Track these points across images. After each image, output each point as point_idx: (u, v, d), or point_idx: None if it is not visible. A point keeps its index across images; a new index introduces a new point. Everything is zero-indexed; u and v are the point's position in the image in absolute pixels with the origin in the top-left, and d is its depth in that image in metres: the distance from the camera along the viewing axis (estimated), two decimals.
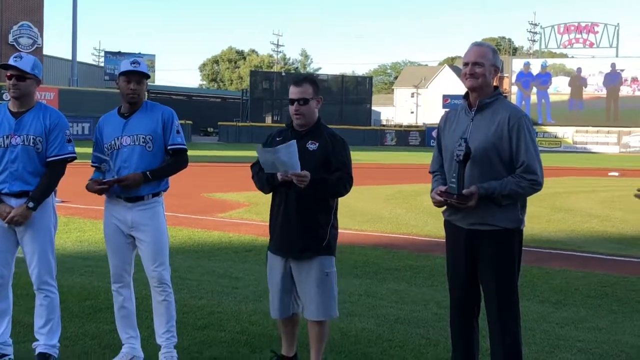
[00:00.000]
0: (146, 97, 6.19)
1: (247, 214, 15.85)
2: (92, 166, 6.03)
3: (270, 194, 5.67)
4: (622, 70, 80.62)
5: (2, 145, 5.73)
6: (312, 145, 5.46)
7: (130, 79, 5.83)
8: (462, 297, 5.07)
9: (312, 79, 5.72)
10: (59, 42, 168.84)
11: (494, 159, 4.80)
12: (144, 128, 5.85)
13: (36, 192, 5.71)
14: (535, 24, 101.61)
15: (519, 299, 4.98)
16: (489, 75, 4.91)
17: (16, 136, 5.73)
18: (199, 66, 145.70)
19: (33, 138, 5.73)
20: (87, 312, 7.42)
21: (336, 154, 5.47)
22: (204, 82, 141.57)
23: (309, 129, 5.54)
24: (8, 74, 5.73)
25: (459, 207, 4.82)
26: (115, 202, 5.89)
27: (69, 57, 66.04)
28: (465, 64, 4.93)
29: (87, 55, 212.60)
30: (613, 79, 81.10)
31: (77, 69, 65.77)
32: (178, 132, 5.97)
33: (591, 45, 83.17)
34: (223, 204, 17.64)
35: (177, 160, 5.99)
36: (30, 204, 5.67)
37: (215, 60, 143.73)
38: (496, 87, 5.00)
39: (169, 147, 5.92)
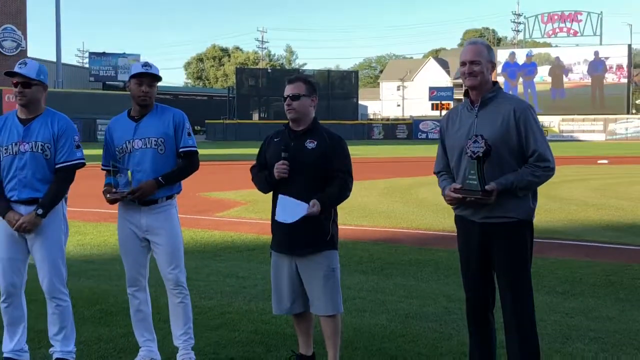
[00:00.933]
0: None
1: (246, 213, 15.84)
2: (103, 169, 6.02)
3: (270, 193, 5.70)
4: (607, 58, 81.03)
5: (11, 153, 5.71)
6: (310, 144, 5.53)
7: (142, 82, 5.82)
8: (476, 290, 5.11)
9: (305, 79, 5.82)
10: (43, 44, 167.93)
11: (504, 152, 4.85)
12: (156, 131, 5.85)
13: (45, 199, 5.69)
14: (519, 14, 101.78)
15: (532, 289, 5.03)
16: (486, 72, 4.98)
17: (25, 143, 5.71)
18: (183, 64, 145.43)
19: (41, 145, 5.71)
20: (99, 316, 7.41)
21: (336, 154, 5.56)
22: (189, 81, 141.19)
23: (306, 129, 5.61)
24: (14, 81, 5.70)
25: (482, 204, 4.84)
26: (129, 206, 5.89)
27: (54, 59, 65.73)
28: (463, 64, 5.01)
29: (71, 56, 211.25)
30: (597, 66, 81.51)
31: (62, 71, 65.49)
32: (189, 134, 5.98)
33: (575, 34, 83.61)
34: (220, 203, 17.62)
35: (189, 163, 5.99)
36: (39, 211, 5.65)
37: (200, 59, 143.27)
38: (494, 82, 5.08)
39: (180, 150, 5.92)
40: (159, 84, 5.98)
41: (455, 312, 7.54)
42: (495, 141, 4.81)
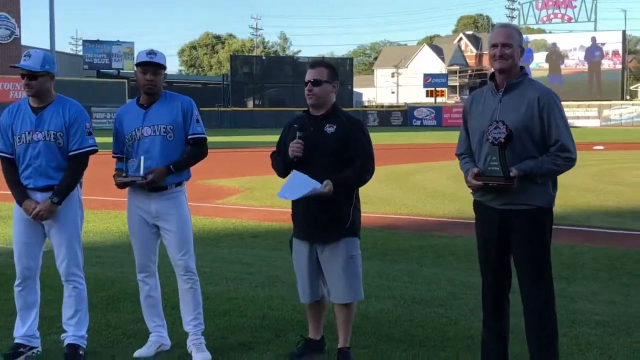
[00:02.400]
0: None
1: (246, 200, 15.88)
2: (114, 157, 6.05)
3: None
4: (603, 44, 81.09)
5: (25, 142, 5.75)
6: (330, 128, 5.50)
7: (147, 70, 5.83)
8: (494, 275, 5.10)
9: (328, 63, 5.78)
10: (37, 32, 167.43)
11: (526, 139, 4.83)
12: (164, 118, 5.87)
13: (60, 187, 5.73)
14: (513, 0, 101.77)
15: (552, 274, 5.04)
16: (516, 56, 4.92)
17: (37, 132, 5.74)
18: (177, 52, 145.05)
19: (54, 133, 5.74)
20: (106, 302, 7.44)
21: (356, 138, 5.51)
22: (183, 68, 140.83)
23: (325, 113, 5.57)
24: (21, 73, 5.72)
25: (503, 190, 4.85)
26: (139, 193, 5.91)
27: (47, 47, 65.48)
28: (494, 46, 4.91)
29: (65, 44, 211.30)
30: (594, 53, 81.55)
31: (55, 59, 65.09)
32: (198, 121, 6.00)
33: (569, 20, 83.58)
34: (219, 190, 17.66)
35: (197, 150, 6.02)
36: (55, 199, 5.69)
37: (194, 46, 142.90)
38: (522, 68, 5.02)
39: (189, 137, 5.94)
40: None
41: (460, 297, 7.60)
42: (518, 128, 4.79)
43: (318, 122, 5.54)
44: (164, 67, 5.93)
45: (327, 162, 5.42)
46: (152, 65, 5.83)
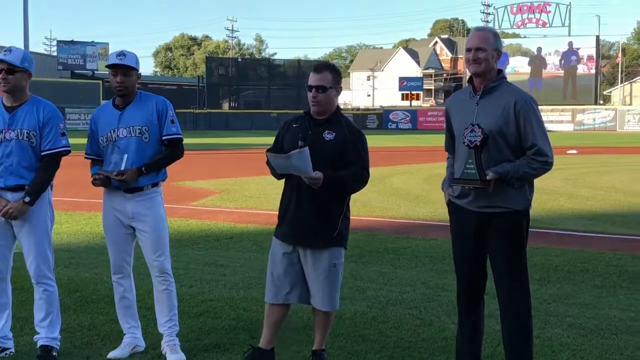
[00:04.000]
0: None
1: (221, 202, 15.86)
2: (86, 158, 6.01)
3: (283, 180, 5.58)
4: (578, 49, 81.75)
5: None
6: (328, 135, 5.36)
7: (117, 72, 5.79)
8: (469, 277, 5.13)
9: (333, 67, 5.57)
10: (10, 32, 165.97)
11: (501, 143, 4.86)
12: (139, 119, 5.84)
13: (32, 187, 5.69)
14: (488, 5, 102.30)
15: (528, 277, 5.08)
16: (491, 60, 4.94)
17: (10, 131, 5.70)
18: (152, 53, 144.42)
19: (27, 132, 5.71)
20: (79, 303, 7.40)
21: (353, 146, 5.38)
22: (158, 70, 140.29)
23: (326, 118, 5.44)
24: None
25: (479, 193, 4.88)
26: (114, 194, 5.88)
27: (21, 47, 65.01)
28: (468, 50, 4.95)
29: (38, 44, 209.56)
30: (570, 57, 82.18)
31: None
32: (172, 121, 5.96)
33: (544, 24, 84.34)
34: (194, 192, 17.61)
35: (172, 151, 5.99)
36: (27, 199, 5.65)
37: (169, 47, 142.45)
38: (500, 71, 5.04)
39: (164, 137, 5.91)
40: None
41: (434, 299, 7.64)
42: (493, 132, 4.82)
43: (318, 126, 5.41)
44: (134, 69, 5.87)
45: (322, 168, 5.22)
46: (121, 67, 5.78)
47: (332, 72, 5.44)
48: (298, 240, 5.46)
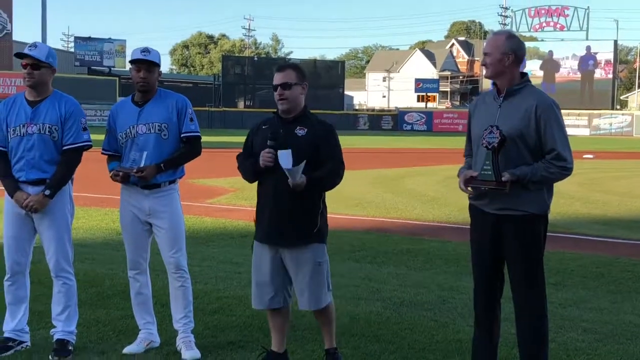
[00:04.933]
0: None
1: (236, 200, 15.89)
2: (103, 154, 6.05)
3: (256, 182, 5.54)
4: (596, 54, 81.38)
5: (19, 134, 5.76)
6: (300, 131, 5.36)
7: (140, 68, 5.84)
8: (486, 279, 5.12)
9: (295, 65, 5.62)
10: (29, 27, 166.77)
11: (521, 146, 4.85)
12: (159, 116, 5.88)
13: (53, 181, 5.75)
14: (506, 8, 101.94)
15: (545, 282, 5.07)
16: (498, 63, 4.95)
17: (32, 125, 5.76)
18: (169, 51, 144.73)
19: (49, 126, 5.76)
20: (95, 298, 7.44)
21: (326, 141, 5.39)
22: (175, 67, 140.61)
23: (296, 116, 5.44)
24: (23, 63, 5.74)
25: (497, 194, 4.88)
26: (132, 190, 5.92)
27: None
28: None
29: (56, 40, 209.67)
30: (588, 62, 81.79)
31: None
32: (192, 119, 6.01)
33: (562, 28, 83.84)
34: (209, 190, 17.66)
35: (190, 148, 6.03)
36: (47, 192, 5.71)
37: (186, 45, 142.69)
38: (524, 74, 5.04)
39: (182, 135, 5.95)
40: None
41: (449, 301, 7.63)
42: (513, 135, 4.82)
43: (288, 124, 5.41)
44: (157, 65, 5.93)
45: (297, 164, 5.20)
46: (145, 63, 5.84)
47: (295, 70, 5.49)
48: (279, 240, 5.39)
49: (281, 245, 5.40)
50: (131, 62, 5.89)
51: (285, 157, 5.15)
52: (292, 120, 5.43)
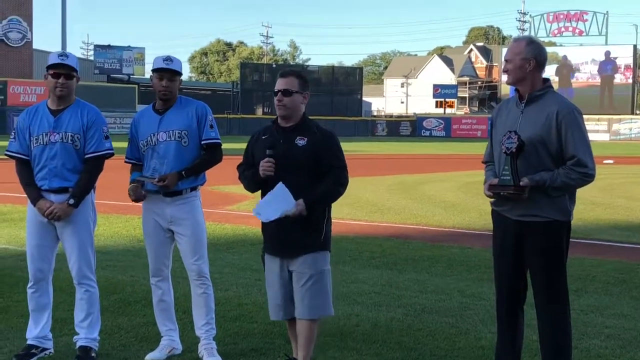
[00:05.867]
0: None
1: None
2: (126, 162, 6.09)
3: (259, 192, 5.51)
4: (615, 58, 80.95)
5: (42, 143, 5.81)
6: (301, 141, 5.29)
7: (163, 76, 5.88)
8: (509, 286, 5.11)
9: (299, 74, 5.55)
10: (48, 36, 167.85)
11: (542, 152, 4.85)
12: (179, 123, 5.91)
13: (76, 190, 5.79)
14: (524, 13, 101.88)
15: (567, 289, 5.05)
16: (519, 70, 4.95)
17: (55, 133, 5.80)
18: (187, 58, 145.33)
19: (71, 135, 5.80)
20: (117, 305, 7.47)
21: (327, 148, 5.33)
22: (193, 75, 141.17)
23: (295, 125, 5.37)
24: (51, 72, 5.77)
25: (514, 199, 4.88)
26: (154, 197, 5.95)
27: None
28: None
29: (76, 48, 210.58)
30: (607, 66, 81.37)
31: None
32: (212, 126, 6.03)
33: (580, 33, 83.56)
34: (228, 196, 17.69)
35: (211, 155, 6.06)
36: (71, 201, 5.75)
37: (204, 53, 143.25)
38: (546, 80, 5.03)
39: (203, 142, 5.98)
40: None
41: (470, 308, 7.60)
42: (534, 140, 4.82)
43: (288, 133, 5.34)
44: (179, 74, 5.98)
45: (299, 176, 5.21)
46: (168, 72, 5.88)
47: (298, 77, 5.42)
48: (284, 252, 5.39)
49: (286, 255, 5.40)
50: (154, 70, 5.93)
51: (268, 208, 5.23)
52: (292, 129, 5.36)
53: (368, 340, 6.42)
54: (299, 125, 5.36)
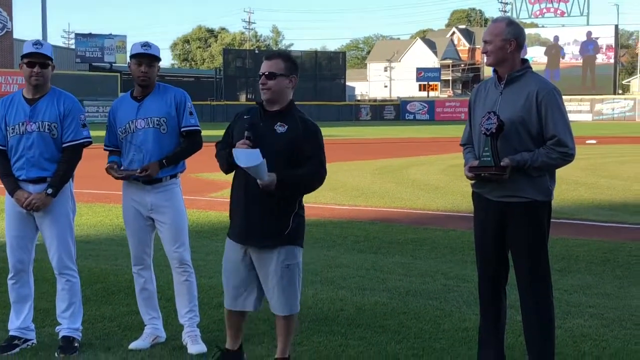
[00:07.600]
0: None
1: None
2: (106, 149, 6.04)
3: (232, 174, 5.26)
4: (597, 39, 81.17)
5: (18, 132, 5.74)
6: (280, 128, 5.04)
7: (141, 62, 5.82)
8: (491, 267, 5.11)
9: (287, 56, 5.32)
10: (29, 25, 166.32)
11: (522, 132, 4.85)
12: (158, 110, 5.87)
13: (55, 179, 5.73)
14: None
15: (550, 269, 5.05)
16: (500, 51, 4.94)
17: (31, 123, 5.73)
18: (169, 46, 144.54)
19: (48, 124, 5.74)
20: (100, 294, 7.43)
21: (308, 140, 5.06)
22: (176, 62, 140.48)
23: (279, 110, 5.12)
24: (26, 61, 5.70)
25: (495, 180, 4.87)
26: (133, 185, 5.91)
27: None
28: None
29: (57, 37, 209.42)
30: (589, 47, 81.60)
31: None
32: (191, 113, 5.99)
33: (562, 14, 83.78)
34: (212, 183, 17.64)
35: (191, 143, 6.01)
36: (50, 191, 5.69)
37: (186, 40, 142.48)
38: (524, 61, 5.02)
39: (182, 129, 5.94)
40: None
41: (454, 290, 7.62)
42: (515, 121, 4.82)
43: (269, 118, 5.09)
44: (158, 59, 5.93)
45: (272, 163, 4.86)
46: (146, 57, 5.83)
47: (284, 60, 5.17)
48: (248, 240, 5.12)
49: (249, 244, 5.15)
50: (132, 56, 5.87)
51: (243, 156, 4.83)
52: (275, 114, 5.12)
53: (353, 324, 6.41)
54: (282, 112, 5.11)
